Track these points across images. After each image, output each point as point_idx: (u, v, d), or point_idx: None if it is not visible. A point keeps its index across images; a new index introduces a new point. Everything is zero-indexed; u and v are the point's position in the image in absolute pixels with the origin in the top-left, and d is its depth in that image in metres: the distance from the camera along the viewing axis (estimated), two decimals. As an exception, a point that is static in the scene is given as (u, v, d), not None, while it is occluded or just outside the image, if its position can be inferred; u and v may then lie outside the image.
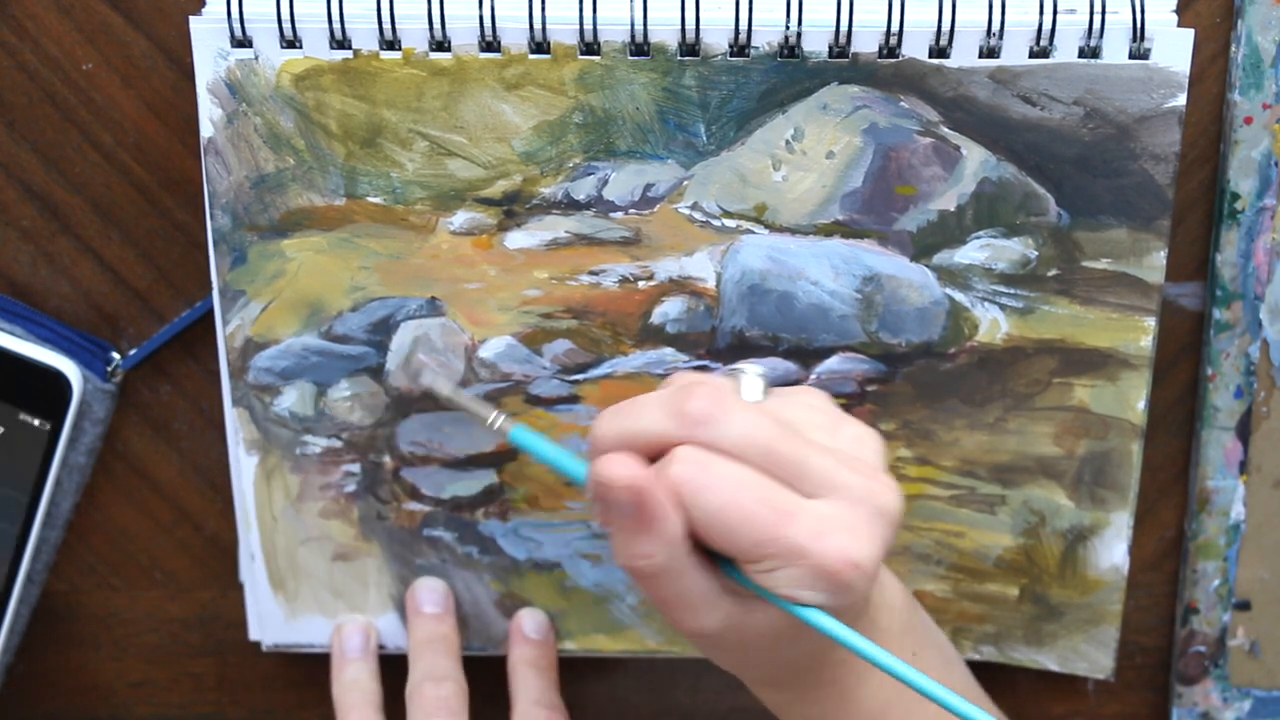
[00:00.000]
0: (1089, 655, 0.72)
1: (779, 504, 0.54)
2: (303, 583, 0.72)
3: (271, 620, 0.72)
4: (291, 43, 0.62)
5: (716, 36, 0.61)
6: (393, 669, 0.72)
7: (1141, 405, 0.67)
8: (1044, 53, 0.61)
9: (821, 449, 0.56)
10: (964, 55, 0.61)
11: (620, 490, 0.54)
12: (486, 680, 0.73)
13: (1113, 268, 0.64)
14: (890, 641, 0.61)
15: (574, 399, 0.68)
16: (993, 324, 0.66)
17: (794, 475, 0.55)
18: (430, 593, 0.72)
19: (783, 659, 0.59)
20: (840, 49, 0.61)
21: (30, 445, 0.69)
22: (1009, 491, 0.69)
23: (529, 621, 0.72)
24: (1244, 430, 0.69)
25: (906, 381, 0.67)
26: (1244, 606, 0.72)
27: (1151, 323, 0.65)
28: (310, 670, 0.75)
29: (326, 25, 0.62)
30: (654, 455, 0.55)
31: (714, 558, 0.56)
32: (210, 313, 0.69)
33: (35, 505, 0.69)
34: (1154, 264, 0.64)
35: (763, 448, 0.55)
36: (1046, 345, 0.66)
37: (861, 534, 0.55)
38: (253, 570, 0.71)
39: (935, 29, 0.61)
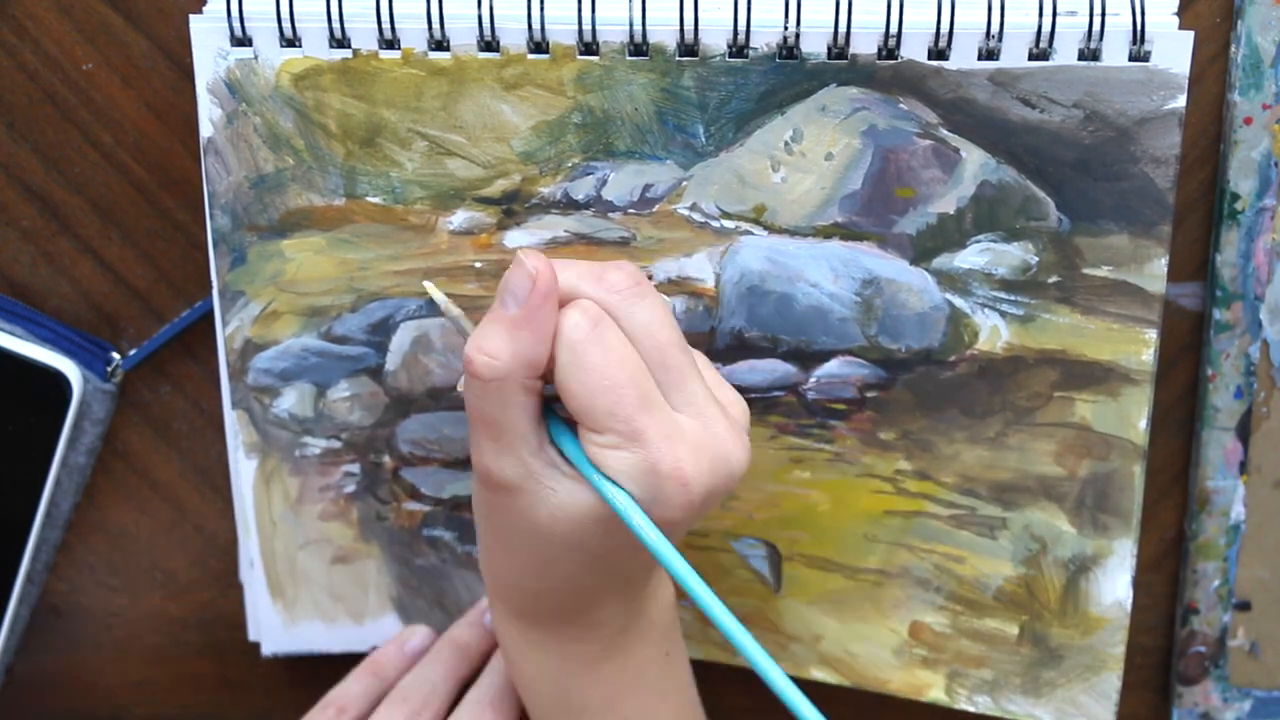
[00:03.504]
0: (1089, 709, 0.70)
1: (648, 393, 0.56)
2: (302, 588, 0.72)
3: (270, 627, 0.72)
4: (291, 42, 0.62)
5: (715, 37, 0.61)
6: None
7: (1143, 424, 0.66)
8: (1044, 55, 0.61)
9: (702, 376, 0.58)
10: (963, 57, 0.61)
11: (523, 272, 0.56)
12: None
13: (1113, 275, 0.64)
14: (654, 635, 0.62)
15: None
16: (993, 331, 0.65)
17: (669, 382, 0.57)
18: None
19: (557, 568, 0.59)
20: (839, 50, 0.61)
21: (30, 445, 0.69)
22: (1010, 514, 0.68)
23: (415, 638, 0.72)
24: (1244, 430, 0.69)
25: (906, 389, 0.66)
26: (1244, 606, 0.72)
27: (1153, 335, 0.65)
28: (311, 671, 0.75)
29: (326, 25, 0.62)
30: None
31: (551, 428, 0.57)
32: (210, 312, 0.69)
33: (35, 505, 0.69)
34: (1155, 272, 0.64)
35: (658, 343, 0.57)
36: (1047, 356, 0.65)
37: (704, 465, 0.56)
38: (252, 577, 0.72)
39: (934, 30, 0.61)
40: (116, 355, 0.70)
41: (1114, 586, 0.68)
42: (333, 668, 0.73)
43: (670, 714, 0.64)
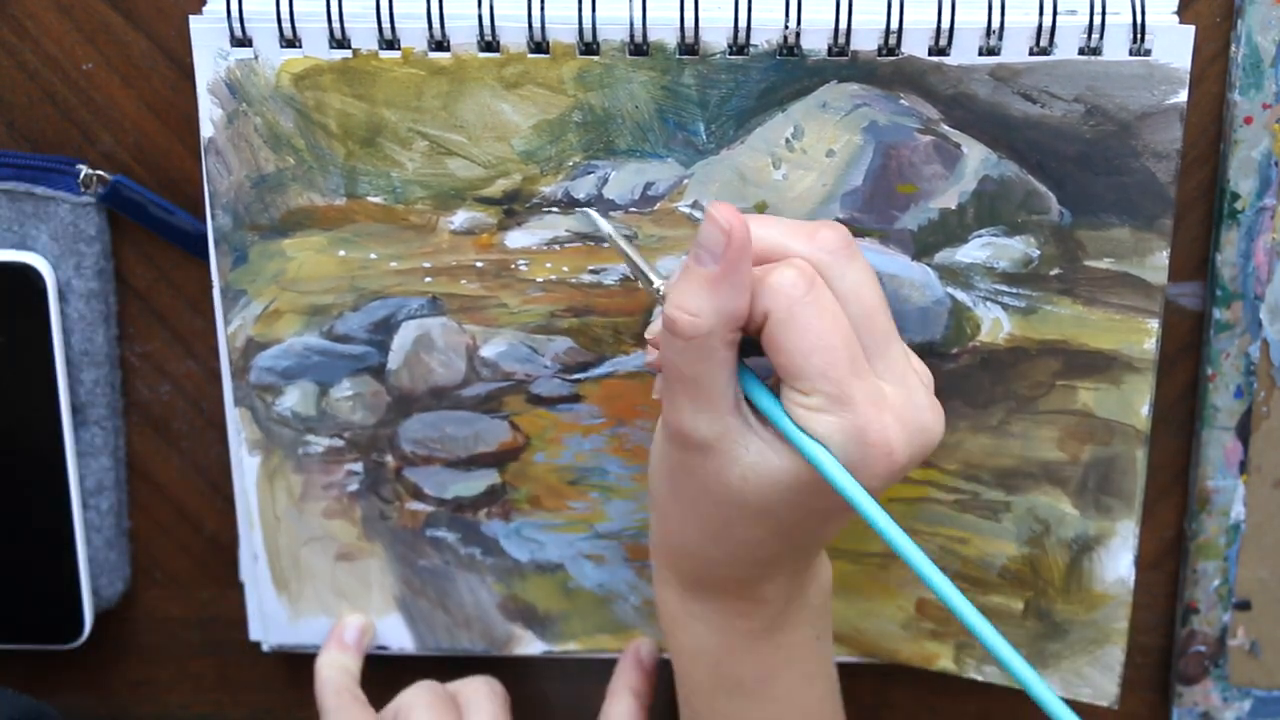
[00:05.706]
0: (1093, 680, 0.70)
1: (856, 357, 0.55)
2: (306, 583, 0.72)
3: (275, 621, 0.72)
4: (291, 42, 0.62)
5: (715, 35, 0.61)
6: (397, 670, 0.72)
7: (1145, 410, 0.66)
8: (1044, 52, 0.61)
9: (901, 341, 0.57)
10: (964, 53, 0.61)
11: (716, 226, 0.54)
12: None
13: (1115, 268, 0.64)
14: (809, 616, 0.62)
15: (575, 398, 0.67)
16: (995, 324, 0.65)
17: (874, 347, 0.56)
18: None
19: (738, 534, 0.58)
20: (840, 47, 0.61)
21: (22, 345, 0.68)
22: (1013, 498, 0.68)
23: (647, 648, 0.73)
24: (1244, 430, 0.69)
25: None
26: (1244, 606, 0.72)
27: (1155, 324, 0.65)
28: (310, 670, 0.75)
29: (326, 25, 0.62)
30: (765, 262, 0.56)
31: (748, 388, 0.56)
32: (210, 309, 0.69)
33: (54, 396, 0.68)
34: (1156, 264, 0.64)
35: (866, 307, 0.56)
36: (1049, 346, 0.65)
37: (906, 434, 0.55)
38: (255, 570, 0.71)
39: (935, 28, 0.61)
40: (84, 166, 0.67)
41: (1117, 565, 0.69)
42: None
43: (816, 698, 0.63)
